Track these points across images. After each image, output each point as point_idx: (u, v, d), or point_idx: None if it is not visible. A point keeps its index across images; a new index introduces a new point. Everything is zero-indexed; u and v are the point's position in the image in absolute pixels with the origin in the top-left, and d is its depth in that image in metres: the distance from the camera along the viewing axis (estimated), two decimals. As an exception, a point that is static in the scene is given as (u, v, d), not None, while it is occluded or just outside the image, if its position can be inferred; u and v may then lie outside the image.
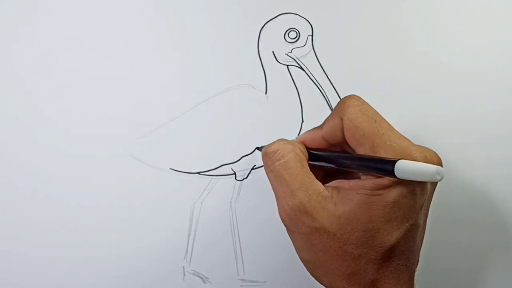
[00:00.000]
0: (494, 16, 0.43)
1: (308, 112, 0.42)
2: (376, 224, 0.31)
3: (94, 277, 0.41)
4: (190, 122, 0.41)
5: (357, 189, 0.32)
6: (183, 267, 0.41)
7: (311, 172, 0.33)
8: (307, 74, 0.42)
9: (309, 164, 0.34)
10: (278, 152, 0.33)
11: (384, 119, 0.33)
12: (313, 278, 0.35)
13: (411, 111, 0.43)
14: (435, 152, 0.33)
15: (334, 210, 0.32)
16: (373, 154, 0.32)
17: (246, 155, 0.41)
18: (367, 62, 0.43)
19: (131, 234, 0.41)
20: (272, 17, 0.42)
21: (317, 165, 0.35)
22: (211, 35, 0.42)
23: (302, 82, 0.42)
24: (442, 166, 0.32)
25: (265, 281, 0.41)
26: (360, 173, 0.33)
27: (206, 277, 0.41)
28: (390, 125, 0.33)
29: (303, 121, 0.42)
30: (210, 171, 0.41)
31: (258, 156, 0.41)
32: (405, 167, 0.29)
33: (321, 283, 0.34)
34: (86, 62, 0.41)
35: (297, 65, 0.42)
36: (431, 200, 0.34)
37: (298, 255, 0.34)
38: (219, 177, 0.41)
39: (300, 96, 0.42)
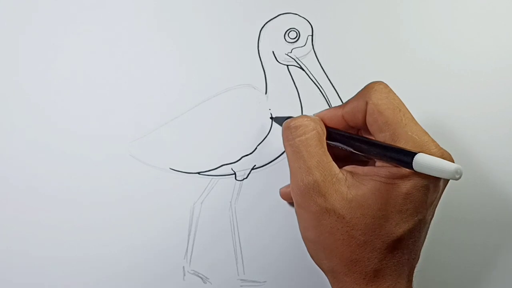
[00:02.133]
0: (494, 16, 0.43)
1: (308, 112, 0.42)
2: (386, 213, 0.31)
3: (94, 276, 0.41)
4: (190, 122, 0.41)
5: (371, 175, 0.32)
6: (183, 267, 0.41)
7: (328, 153, 0.33)
8: (307, 74, 0.42)
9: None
10: (301, 128, 0.34)
11: (408, 111, 0.33)
12: (313, 278, 0.34)
13: (411, 111, 0.43)
14: (450, 154, 0.33)
15: (346, 193, 0.32)
16: (393, 143, 0.32)
17: (246, 155, 0.41)
18: (367, 62, 0.43)
19: (131, 234, 0.41)
20: (272, 17, 0.42)
21: (333, 145, 0.35)
22: (211, 35, 0.42)
23: (302, 82, 0.42)
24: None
25: (265, 281, 0.41)
26: (376, 160, 0.33)
27: (206, 277, 0.41)
28: (413, 117, 0.33)
29: (303, 121, 0.42)
30: (210, 171, 0.41)
31: (258, 156, 0.41)
32: (424, 161, 0.29)
33: (320, 267, 0.34)
34: (86, 62, 0.41)
35: (297, 65, 0.42)
36: (440, 199, 0.34)
37: (302, 234, 0.34)
38: (219, 177, 0.41)
39: (300, 96, 0.42)
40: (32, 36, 0.41)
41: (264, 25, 0.42)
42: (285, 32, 0.42)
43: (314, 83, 0.42)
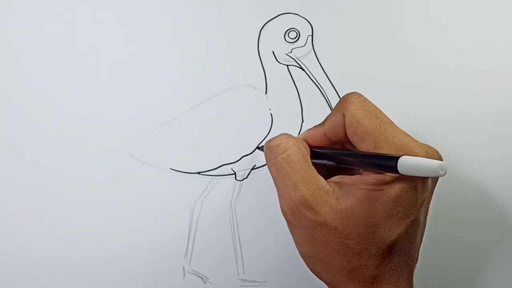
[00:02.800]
0: (494, 16, 0.43)
1: (308, 112, 0.42)
2: (378, 220, 0.31)
3: (94, 276, 0.41)
4: (190, 122, 0.41)
5: (359, 184, 0.32)
6: (183, 267, 0.41)
7: (313, 167, 0.33)
8: (307, 74, 0.42)
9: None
10: (281, 145, 0.34)
11: (385, 115, 0.33)
12: (313, 278, 0.34)
13: (411, 111, 0.43)
14: (435, 149, 0.33)
15: (336, 205, 0.32)
16: (375, 150, 0.32)
17: (246, 155, 0.41)
18: (367, 62, 0.43)
19: (131, 234, 0.41)
20: (272, 17, 0.42)
21: (319, 163, 0.35)
22: (211, 35, 0.42)
23: (302, 82, 0.42)
24: (441, 158, 0.33)
25: (265, 281, 0.41)
26: (362, 170, 0.33)
27: (206, 277, 0.41)
28: (391, 121, 0.33)
29: (303, 121, 0.42)
30: (210, 171, 0.41)
31: (258, 156, 0.41)
32: (408, 163, 0.29)
33: (320, 279, 0.34)
34: (86, 62, 0.41)
35: (297, 65, 0.42)
36: (431, 197, 0.34)
37: (299, 250, 0.34)
38: (219, 177, 0.41)
39: (300, 96, 0.42)
40: (32, 35, 0.41)
41: (264, 25, 0.42)
42: (285, 32, 0.42)
43: (314, 83, 0.42)
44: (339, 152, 0.34)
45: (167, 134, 0.41)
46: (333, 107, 0.42)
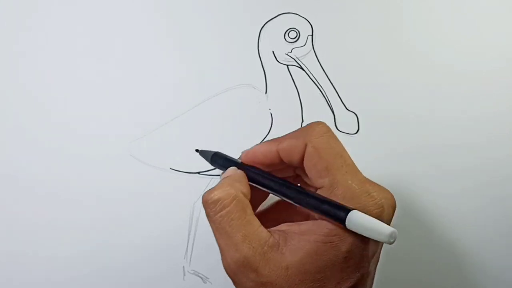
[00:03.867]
0: (494, 16, 0.43)
1: (308, 112, 0.42)
2: (326, 274, 0.29)
3: (94, 276, 0.41)
4: (190, 122, 0.41)
5: (309, 235, 0.30)
6: (183, 267, 0.41)
7: (255, 218, 0.31)
8: (307, 74, 0.42)
9: (254, 187, 0.33)
10: (219, 202, 0.31)
11: (349, 156, 0.31)
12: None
13: (411, 111, 0.43)
14: (390, 196, 0.31)
15: (281, 261, 0.29)
16: (331, 190, 0.30)
17: (246, 155, 0.41)
18: (367, 62, 0.43)
19: (131, 233, 0.41)
20: (272, 17, 0.42)
21: (266, 191, 0.33)
22: (211, 35, 0.42)
23: (302, 82, 0.42)
24: (396, 208, 0.31)
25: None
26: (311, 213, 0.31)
27: (206, 277, 0.41)
28: (354, 164, 0.31)
29: (303, 121, 0.42)
30: (210, 171, 0.41)
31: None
32: (357, 220, 0.28)
33: None
34: (86, 62, 0.41)
35: (297, 65, 0.42)
36: (382, 246, 0.32)
37: None
38: (219, 177, 0.41)
39: (300, 96, 0.42)
40: (32, 36, 0.41)
41: (264, 25, 0.42)
42: (285, 32, 0.42)
43: (314, 83, 0.42)
44: (291, 186, 0.32)
45: (167, 134, 0.41)
46: (333, 107, 0.42)
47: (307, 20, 0.42)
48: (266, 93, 0.42)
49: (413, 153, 0.43)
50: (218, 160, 0.36)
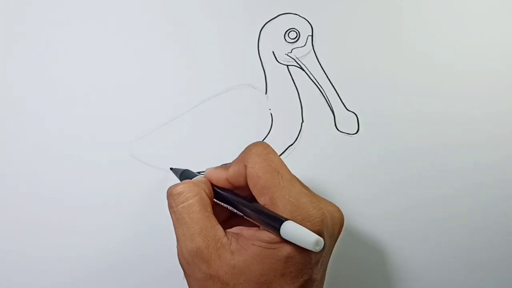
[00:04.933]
0: (494, 16, 0.43)
1: (308, 112, 0.42)
2: (269, 278, 0.31)
3: (94, 276, 0.41)
4: (190, 122, 0.41)
5: (254, 240, 0.31)
6: (183, 267, 0.41)
7: (214, 217, 0.33)
8: (307, 74, 0.42)
9: (215, 203, 0.34)
10: (183, 194, 0.33)
11: (288, 171, 0.32)
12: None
13: (411, 111, 0.43)
14: (336, 209, 0.33)
15: (230, 259, 0.31)
16: (272, 206, 0.31)
17: (246, 155, 0.41)
18: (367, 62, 0.43)
19: (131, 233, 0.41)
20: (272, 17, 0.42)
21: (222, 205, 0.35)
22: (211, 35, 0.42)
23: (302, 82, 0.42)
24: (343, 221, 0.33)
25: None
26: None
27: (206, 277, 0.41)
28: (293, 177, 0.32)
29: (303, 121, 0.42)
30: (210, 171, 0.41)
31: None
32: (289, 230, 0.29)
33: None
34: (87, 62, 0.41)
35: (297, 65, 0.42)
36: (330, 253, 0.34)
37: None
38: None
39: (300, 96, 0.42)
40: (32, 35, 0.41)
41: (264, 25, 0.42)
42: (285, 32, 0.42)
43: (314, 83, 0.42)
44: (237, 199, 0.34)
45: (167, 134, 0.41)
46: (333, 107, 0.42)
47: (307, 20, 0.42)
48: (266, 93, 0.42)
49: (413, 153, 0.43)
50: (186, 176, 0.38)
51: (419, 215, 0.43)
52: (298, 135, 0.42)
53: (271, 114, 0.42)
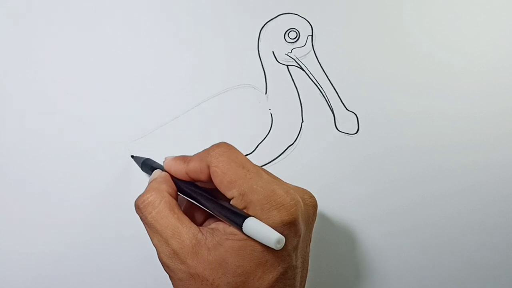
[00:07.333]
0: (494, 16, 0.43)
1: (308, 112, 0.42)
2: (246, 269, 0.31)
3: (94, 275, 0.41)
4: (190, 122, 0.41)
5: (228, 234, 0.32)
6: (183, 267, 0.41)
7: (184, 216, 0.33)
8: (307, 74, 0.42)
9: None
10: (149, 205, 0.34)
11: (253, 165, 0.33)
12: (314, 279, 0.34)
13: (411, 110, 0.43)
14: (307, 193, 0.34)
15: (206, 255, 0.32)
16: (241, 198, 0.32)
17: (247, 154, 0.41)
18: (367, 62, 0.43)
19: (130, 233, 0.41)
20: (272, 17, 0.42)
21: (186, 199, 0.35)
22: (211, 35, 0.42)
23: (302, 82, 0.42)
24: (317, 203, 0.33)
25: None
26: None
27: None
28: (259, 169, 0.33)
29: (303, 121, 0.42)
30: (210, 171, 0.41)
31: (258, 156, 0.41)
32: (251, 227, 0.30)
33: None
34: (87, 61, 0.41)
35: (297, 65, 0.42)
36: (309, 238, 0.34)
37: None
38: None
39: (300, 96, 0.42)
40: (32, 33, 0.41)
41: (264, 25, 0.42)
42: (285, 32, 0.42)
43: (314, 83, 0.42)
44: (203, 194, 0.34)
45: (167, 134, 0.41)
46: (333, 107, 0.42)
47: (307, 20, 0.42)
48: (266, 93, 0.42)
49: (413, 153, 0.43)
50: (147, 165, 0.39)
51: (419, 214, 0.43)
52: (298, 135, 0.42)
53: (271, 114, 0.42)
